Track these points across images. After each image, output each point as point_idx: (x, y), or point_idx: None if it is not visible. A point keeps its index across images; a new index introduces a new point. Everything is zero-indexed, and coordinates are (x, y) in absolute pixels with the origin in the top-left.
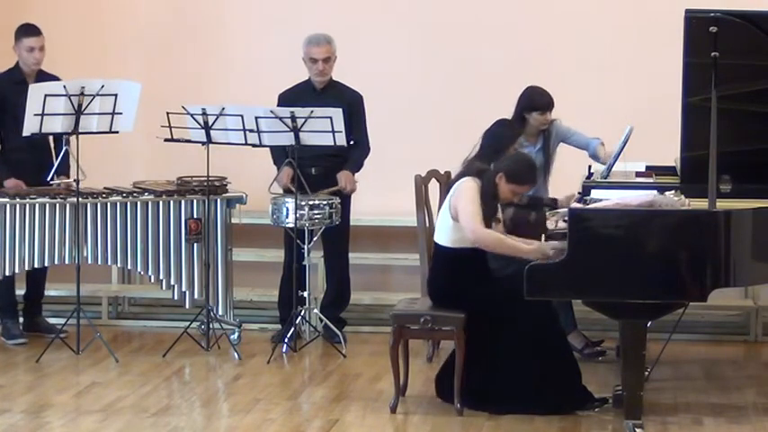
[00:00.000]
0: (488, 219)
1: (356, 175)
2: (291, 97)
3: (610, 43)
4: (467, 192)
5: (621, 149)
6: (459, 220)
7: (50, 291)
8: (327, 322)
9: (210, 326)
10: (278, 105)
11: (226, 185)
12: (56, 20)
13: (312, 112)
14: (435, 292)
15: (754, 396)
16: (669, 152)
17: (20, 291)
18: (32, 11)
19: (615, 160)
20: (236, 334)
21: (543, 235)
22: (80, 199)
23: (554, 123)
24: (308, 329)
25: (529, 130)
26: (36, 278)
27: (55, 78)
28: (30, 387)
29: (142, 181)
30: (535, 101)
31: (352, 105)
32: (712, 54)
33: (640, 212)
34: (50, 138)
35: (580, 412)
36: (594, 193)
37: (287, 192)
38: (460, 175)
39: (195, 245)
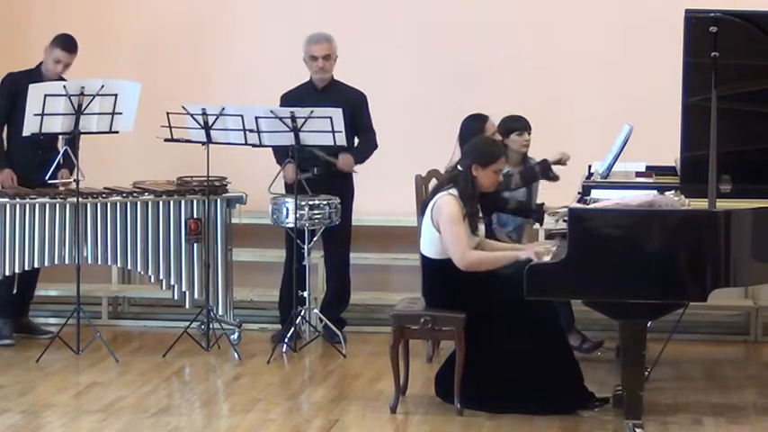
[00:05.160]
0: (474, 220)
1: (357, 174)
2: (294, 97)
3: (610, 43)
4: (447, 209)
5: (621, 149)
6: (444, 240)
7: (50, 291)
8: (327, 322)
9: (210, 326)
10: (280, 106)
11: (226, 185)
12: (57, 20)
13: (312, 112)
14: (433, 302)
15: (754, 396)
16: (669, 152)
17: None
18: (34, 10)
19: (615, 160)
20: (236, 334)
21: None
22: (80, 199)
23: (534, 160)
24: (308, 329)
25: (511, 156)
26: (27, 280)
27: None
28: (30, 387)
29: (142, 181)
30: (509, 124)
31: (354, 105)
32: (712, 54)
33: (640, 212)
34: (59, 138)
35: (581, 411)
36: (594, 193)
37: (291, 187)
38: (436, 189)
39: (195, 245)
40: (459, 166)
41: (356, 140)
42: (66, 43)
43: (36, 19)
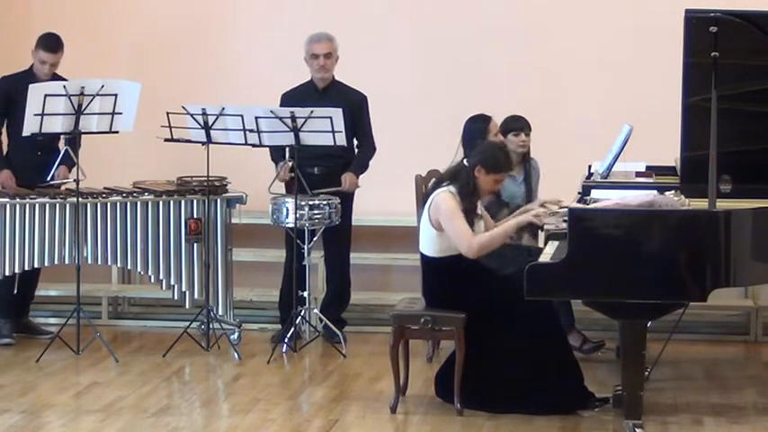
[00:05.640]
0: (471, 217)
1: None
2: (294, 97)
3: (610, 43)
4: (445, 205)
5: (621, 149)
6: (448, 235)
7: (50, 291)
8: (327, 322)
9: (210, 326)
10: (281, 106)
11: (226, 185)
12: (57, 19)
13: (312, 112)
14: (433, 301)
15: (754, 396)
16: (669, 152)
17: None
18: (34, 10)
19: (615, 160)
20: (236, 334)
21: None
22: (80, 199)
23: (535, 161)
24: (308, 329)
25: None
26: (27, 280)
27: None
28: (30, 387)
29: (142, 181)
30: (508, 124)
31: (355, 106)
32: (712, 54)
33: (640, 212)
34: (60, 139)
35: (581, 411)
36: (594, 193)
37: (288, 186)
38: (435, 185)
39: (195, 245)
40: (465, 162)
41: (355, 141)
42: (48, 43)
43: (36, 19)
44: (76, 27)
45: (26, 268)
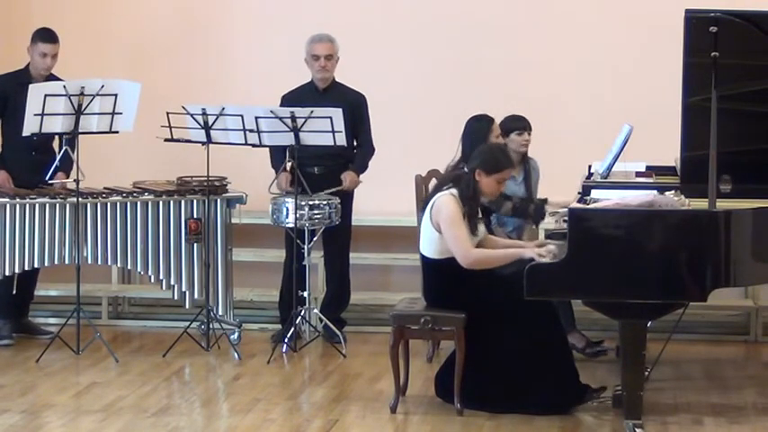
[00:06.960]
0: (473, 222)
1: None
2: (294, 98)
3: (609, 43)
4: (446, 210)
5: (621, 149)
6: (446, 239)
7: (50, 291)
8: (327, 322)
9: (210, 326)
10: (281, 106)
11: (226, 185)
12: (57, 19)
13: (312, 111)
14: (433, 302)
15: (754, 396)
16: (669, 152)
17: None
18: (34, 10)
19: (615, 160)
20: (236, 334)
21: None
22: (80, 199)
23: (534, 161)
24: (308, 329)
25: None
26: (26, 280)
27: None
28: (30, 387)
29: (142, 181)
30: (510, 123)
31: (354, 106)
32: (712, 54)
33: (640, 212)
34: (56, 139)
35: (581, 408)
36: (594, 193)
37: (291, 187)
38: (436, 188)
39: (195, 245)
40: (465, 168)
41: (354, 142)
42: (46, 35)
43: (36, 19)
44: (76, 27)
45: (26, 268)
